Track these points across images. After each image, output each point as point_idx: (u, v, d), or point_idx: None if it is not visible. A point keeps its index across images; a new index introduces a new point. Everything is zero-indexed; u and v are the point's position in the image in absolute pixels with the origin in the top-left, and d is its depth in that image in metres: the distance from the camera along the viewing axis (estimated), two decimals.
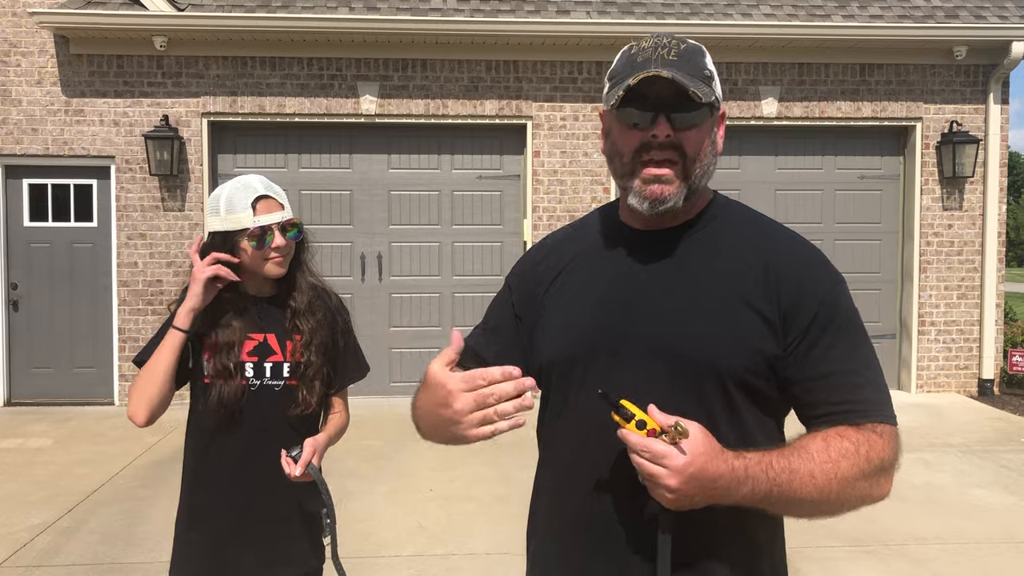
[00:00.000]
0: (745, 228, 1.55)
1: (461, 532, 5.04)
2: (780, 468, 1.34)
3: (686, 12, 8.73)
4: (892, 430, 1.44)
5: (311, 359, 2.37)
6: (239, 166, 8.85)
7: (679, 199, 1.47)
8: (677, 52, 1.45)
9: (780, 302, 1.44)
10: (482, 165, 9.10)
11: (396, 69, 8.75)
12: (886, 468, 1.42)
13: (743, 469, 1.32)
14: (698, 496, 1.31)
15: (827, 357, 1.43)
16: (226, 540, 2.32)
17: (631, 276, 1.53)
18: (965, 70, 9.09)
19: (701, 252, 1.51)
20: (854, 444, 1.39)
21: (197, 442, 2.37)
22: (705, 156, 1.48)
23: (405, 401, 7.41)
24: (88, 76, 8.54)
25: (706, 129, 1.48)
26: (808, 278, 1.46)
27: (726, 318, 1.44)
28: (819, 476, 1.35)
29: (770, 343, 1.43)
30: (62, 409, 8.47)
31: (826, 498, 1.37)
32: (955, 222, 9.15)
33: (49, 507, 5.44)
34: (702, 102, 1.42)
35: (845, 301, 1.48)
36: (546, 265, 1.66)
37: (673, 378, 1.43)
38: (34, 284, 8.75)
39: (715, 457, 1.31)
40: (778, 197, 9.25)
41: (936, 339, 9.17)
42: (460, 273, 9.09)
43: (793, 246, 1.52)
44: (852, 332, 1.47)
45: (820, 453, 1.37)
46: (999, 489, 5.89)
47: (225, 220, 2.31)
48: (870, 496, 1.42)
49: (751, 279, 1.46)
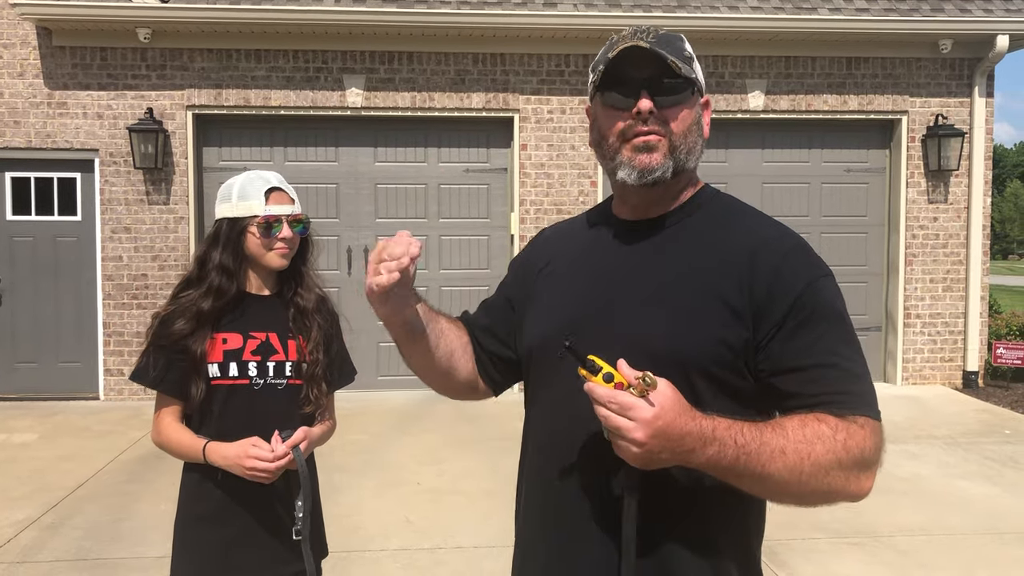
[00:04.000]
0: (729, 219, 1.55)
1: (449, 526, 5.03)
2: (750, 436, 1.31)
3: (673, 5, 8.73)
4: (875, 424, 1.40)
5: (319, 357, 2.40)
6: (224, 159, 8.80)
7: (666, 170, 1.48)
8: (655, 35, 1.49)
9: (753, 293, 1.42)
10: (469, 158, 9.08)
11: (382, 62, 8.71)
12: (865, 462, 1.37)
13: (711, 430, 1.29)
14: (664, 453, 1.28)
15: (806, 348, 1.40)
16: (230, 541, 2.33)
17: (613, 266, 1.55)
18: (950, 64, 9.13)
19: (682, 242, 1.52)
20: (832, 429, 1.34)
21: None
22: (691, 134, 1.51)
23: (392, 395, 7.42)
24: (71, 68, 8.46)
25: (690, 107, 1.50)
26: (786, 269, 1.44)
27: (693, 310, 1.44)
28: (791, 454, 1.31)
29: (738, 335, 1.41)
30: (47, 404, 8.41)
31: (796, 478, 1.32)
32: (940, 215, 9.20)
33: (33, 502, 5.41)
34: (682, 75, 1.45)
35: (827, 293, 1.45)
36: (540, 253, 1.72)
37: (638, 368, 1.42)
38: (18, 278, 8.68)
39: (683, 412, 1.28)
40: (765, 190, 9.27)
41: (921, 331, 9.23)
42: (447, 267, 9.07)
43: (775, 237, 1.50)
44: (834, 324, 1.44)
45: (795, 431, 1.33)
46: (983, 480, 5.93)
47: (236, 207, 2.34)
48: (845, 490, 1.37)
49: (727, 270, 1.45)
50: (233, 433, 2.27)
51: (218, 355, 2.34)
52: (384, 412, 7.91)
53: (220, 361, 2.33)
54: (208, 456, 2.27)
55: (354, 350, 2.65)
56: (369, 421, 7.50)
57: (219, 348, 2.34)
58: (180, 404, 2.37)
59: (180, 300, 2.36)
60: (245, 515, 2.32)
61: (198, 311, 2.31)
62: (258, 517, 2.33)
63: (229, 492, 2.31)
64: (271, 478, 2.23)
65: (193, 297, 2.34)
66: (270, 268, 2.39)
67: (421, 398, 8.18)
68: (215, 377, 2.33)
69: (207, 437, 2.30)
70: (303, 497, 2.31)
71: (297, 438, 2.27)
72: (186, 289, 2.38)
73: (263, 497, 2.32)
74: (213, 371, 2.33)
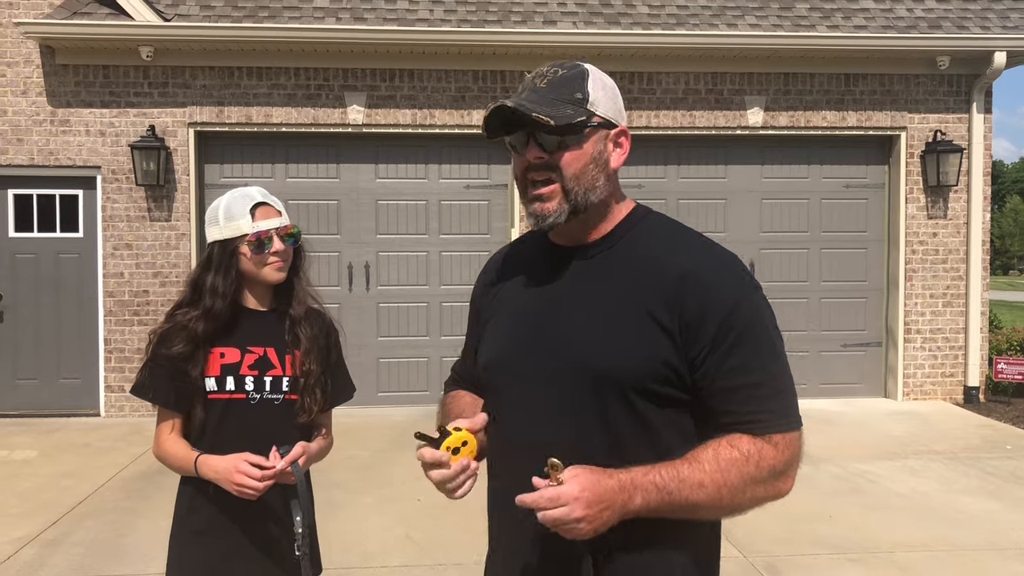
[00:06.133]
0: (659, 240, 1.60)
1: (449, 542, 5.02)
2: (668, 478, 1.43)
3: (672, 23, 8.79)
4: (789, 437, 1.50)
5: (311, 368, 2.41)
6: (225, 176, 8.83)
7: (560, 215, 1.54)
8: (550, 80, 1.55)
9: (683, 312, 1.48)
10: (469, 175, 9.11)
11: (383, 79, 8.76)
12: (779, 473, 1.49)
13: (629, 481, 1.41)
14: (607, 513, 1.39)
15: (737, 368, 1.48)
16: (226, 556, 2.33)
17: (547, 290, 1.62)
18: (948, 80, 9.17)
19: (611, 265, 1.58)
20: (744, 455, 1.46)
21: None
22: (585, 174, 1.54)
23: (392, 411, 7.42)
24: (74, 86, 8.51)
25: (584, 148, 1.54)
26: (714, 288, 1.50)
27: (627, 330, 1.50)
28: (709, 485, 1.44)
29: (671, 352, 1.49)
30: (47, 420, 8.41)
31: (719, 503, 1.46)
32: (940, 230, 9.22)
33: (34, 519, 5.40)
34: (554, 125, 1.48)
35: (753, 309, 1.52)
36: (488, 282, 1.80)
37: (575, 387, 1.51)
38: (19, 295, 8.69)
39: (599, 475, 1.40)
40: (764, 206, 9.30)
41: (922, 347, 9.23)
42: (448, 283, 9.09)
43: (703, 256, 1.55)
44: (762, 341, 1.51)
45: (710, 463, 1.45)
46: (985, 496, 5.92)
47: (224, 228, 2.35)
48: (767, 497, 1.50)
49: (657, 291, 1.51)
50: (229, 447, 2.28)
51: (215, 369, 2.35)
52: (384, 428, 7.90)
53: (217, 375, 2.34)
54: (199, 469, 2.27)
55: (354, 366, 2.66)
56: (369, 437, 7.50)
57: (216, 362, 2.35)
58: (179, 418, 2.38)
59: (175, 318, 2.37)
60: (238, 530, 2.33)
61: (194, 333, 2.32)
62: (251, 532, 2.34)
63: (222, 506, 2.31)
64: (257, 495, 2.22)
65: (189, 316, 2.34)
66: (268, 283, 2.40)
67: (421, 414, 8.18)
68: (212, 391, 2.34)
69: (204, 451, 2.31)
70: (302, 514, 2.32)
71: (295, 453, 2.28)
72: (181, 308, 2.39)
73: (256, 512, 2.32)
74: (210, 385, 2.34)
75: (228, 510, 2.31)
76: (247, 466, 2.20)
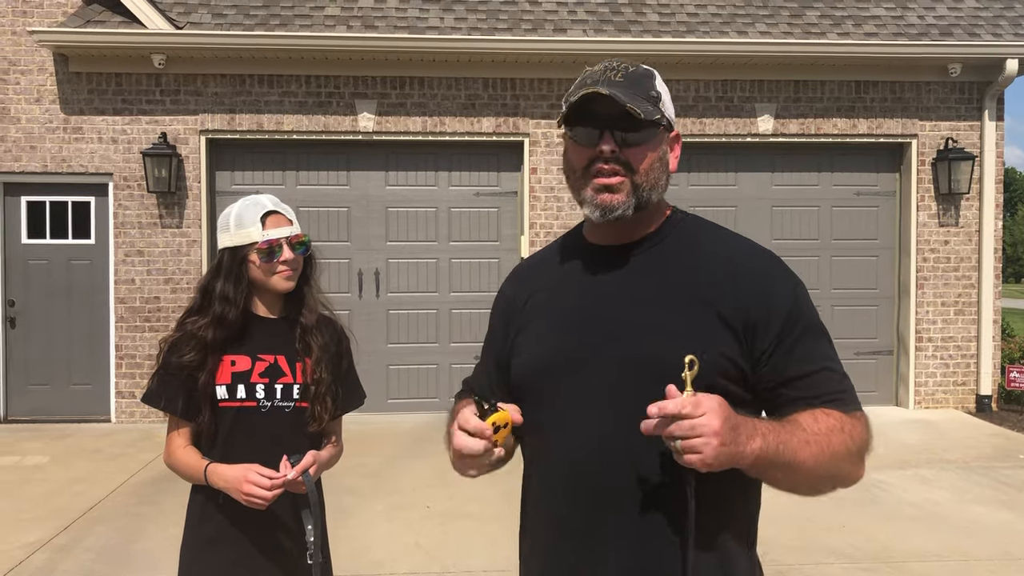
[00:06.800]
0: (703, 240, 1.61)
1: (458, 549, 5.02)
2: (781, 429, 1.41)
3: (682, 30, 8.79)
4: (866, 417, 1.54)
5: (322, 376, 2.40)
6: (237, 183, 8.87)
7: (627, 208, 1.53)
8: (624, 74, 1.54)
9: (747, 310, 1.50)
10: (479, 182, 9.13)
11: (394, 87, 8.79)
12: (864, 451, 1.51)
13: (751, 421, 1.38)
14: (732, 438, 1.32)
15: (805, 358, 1.51)
16: (237, 564, 2.33)
17: (596, 287, 1.60)
18: (960, 87, 9.14)
19: (662, 261, 1.58)
20: (839, 422, 1.47)
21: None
22: (652, 172, 1.55)
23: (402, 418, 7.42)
24: (87, 94, 8.56)
25: (653, 147, 1.55)
26: (772, 286, 1.53)
27: (688, 323, 1.50)
28: (813, 444, 1.43)
29: (734, 349, 1.49)
30: (59, 426, 8.44)
31: (819, 466, 1.44)
32: (951, 238, 9.18)
33: (45, 525, 5.42)
34: (643, 119, 1.49)
35: (807, 302, 1.57)
36: (517, 292, 1.76)
37: (639, 381, 1.47)
38: (31, 301, 8.74)
39: (730, 407, 1.35)
40: (774, 213, 9.28)
41: (933, 355, 9.18)
42: (457, 290, 9.09)
43: (752, 255, 1.59)
44: (819, 331, 1.55)
45: (811, 425, 1.45)
46: (997, 506, 5.88)
47: (235, 235, 2.35)
48: (850, 476, 1.51)
49: (712, 285, 1.52)
50: (240, 455, 2.28)
51: (226, 377, 2.35)
52: (394, 435, 7.90)
53: (228, 383, 2.34)
54: (209, 477, 2.27)
55: (364, 373, 2.65)
56: (379, 444, 7.50)
57: (227, 370, 2.35)
58: (189, 426, 2.38)
59: (186, 326, 2.37)
60: (249, 538, 2.33)
61: (203, 341, 2.32)
62: (261, 540, 2.33)
63: (231, 515, 2.31)
64: (266, 505, 2.22)
65: (199, 324, 2.34)
66: (277, 291, 2.40)
67: (431, 421, 8.18)
68: (223, 399, 2.34)
69: (215, 459, 2.31)
70: (313, 522, 2.31)
71: (306, 463, 2.27)
72: (191, 316, 2.40)
73: (268, 521, 2.31)
74: (221, 393, 2.34)
75: (239, 519, 2.31)
76: (256, 476, 2.19)
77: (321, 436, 2.45)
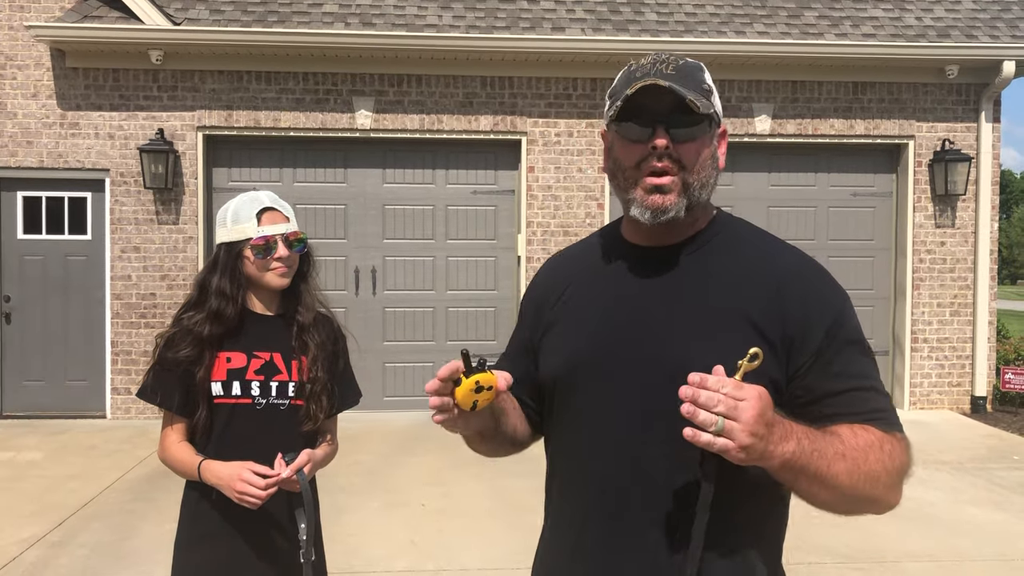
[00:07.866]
0: (748, 245, 1.55)
1: (453, 547, 5.02)
2: (817, 437, 1.33)
3: (680, 30, 8.79)
4: (907, 441, 1.46)
5: (318, 374, 2.39)
6: (234, 180, 8.86)
7: (680, 210, 1.47)
8: (675, 67, 1.47)
9: (786, 322, 1.44)
10: (476, 180, 9.12)
11: (391, 84, 8.78)
12: (902, 475, 1.43)
13: (788, 425, 1.31)
14: (767, 433, 1.26)
15: (843, 374, 1.44)
16: (230, 561, 2.32)
17: (632, 292, 1.54)
18: (957, 89, 9.16)
19: (703, 268, 1.52)
20: (879, 439, 1.39)
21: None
22: (704, 169, 1.48)
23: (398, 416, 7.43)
24: (84, 89, 8.55)
25: (706, 142, 1.48)
26: (815, 298, 1.47)
27: (726, 335, 1.43)
28: (849, 459, 1.35)
29: (771, 361, 1.41)
30: (54, 422, 8.43)
31: (852, 482, 1.35)
32: (948, 239, 9.20)
33: (39, 521, 5.41)
34: (700, 112, 1.42)
35: (853, 317, 1.49)
36: (552, 284, 1.69)
37: (672, 384, 1.37)
38: (27, 297, 8.72)
39: (771, 403, 1.28)
40: (771, 214, 9.29)
41: (929, 356, 9.20)
42: (454, 288, 9.09)
43: (798, 264, 1.52)
44: (863, 347, 1.48)
45: (849, 439, 1.37)
46: (992, 506, 5.90)
47: (231, 231, 2.36)
48: (884, 499, 1.41)
49: (755, 296, 1.46)
50: (235, 452, 2.28)
51: (221, 373, 2.34)
52: (389, 433, 7.90)
53: (223, 380, 2.34)
54: (203, 474, 2.27)
55: (360, 370, 2.65)
56: (374, 442, 7.50)
57: (223, 367, 2.35)
58: (184, 422, 2.38)
59: (182, 322, 2.37)
60: (243, 535, 2.32)
61: (199, 336, 2.32)
62: (256, 538, 2.33)
63: (225, 512, 2.31)
64: (259, 504, 2.22)
65: (195, 319, 2.34)
66: (272, 288, 2.40)
67: (426, 419, 8.15)
68: (218, 396, 2.34)
69: (209, 455, 2.31)
70: (307, 521, 2.31)
71: (301, 461, 2.26)
72: (187, 311, 2.39)
73: (261, 518, 2.31)
74: (216, 390, 2.33)
75: (233, 516, 2.30)
76: (250, 474, 2.19)
77: (316, 434, 2.45)
